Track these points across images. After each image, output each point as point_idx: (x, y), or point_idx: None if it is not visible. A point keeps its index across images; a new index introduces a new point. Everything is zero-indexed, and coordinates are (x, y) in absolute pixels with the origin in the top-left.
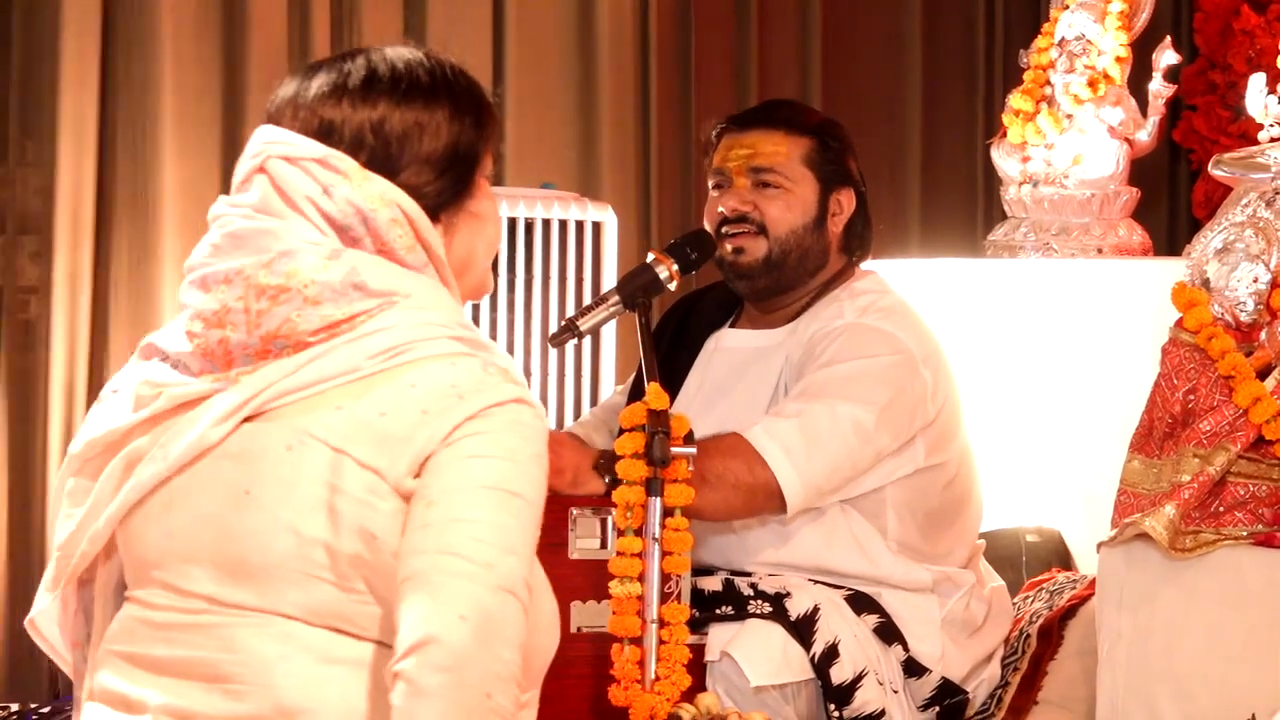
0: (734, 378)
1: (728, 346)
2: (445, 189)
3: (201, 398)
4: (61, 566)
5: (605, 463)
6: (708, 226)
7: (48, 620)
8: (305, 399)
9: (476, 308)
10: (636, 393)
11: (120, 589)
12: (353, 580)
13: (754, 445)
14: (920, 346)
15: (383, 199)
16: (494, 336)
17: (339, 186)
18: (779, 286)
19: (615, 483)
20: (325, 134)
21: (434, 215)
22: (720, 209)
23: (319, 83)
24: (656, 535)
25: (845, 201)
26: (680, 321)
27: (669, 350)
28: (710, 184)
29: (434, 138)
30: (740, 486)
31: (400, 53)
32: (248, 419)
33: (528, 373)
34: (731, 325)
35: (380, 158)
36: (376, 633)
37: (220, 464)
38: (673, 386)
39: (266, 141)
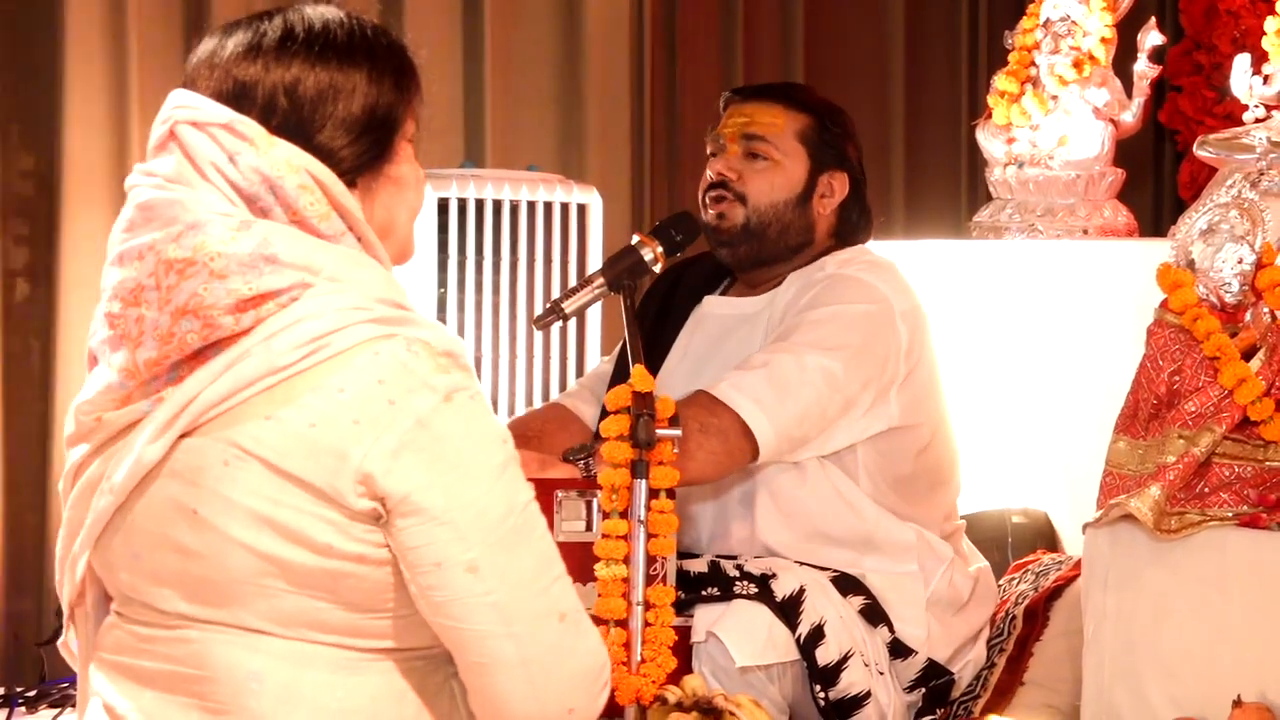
0: (717, 344)
1: (712, 314)
2: (363, 153)
3: (137, 420)
4: (62, 596)
5: (574, 455)
6: (700, 191)
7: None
8: (231, 409)
9: (462, 292)
10: (621, 374)
11: (104, 600)
12: (314, 589)
13: (722, 399)
14: (900, 301)
15: (289, 165)
16: (479, 319)
17: (244, 154)
18: (759, 257)
19: (590, 474)
20: (238, 95)
21: (351, 180)
22: (708, 173)
23: (234, 42)
24: (642, 517)
25: (837, 185)
26: (668, 290)
27: (655, 318)
28: (707, 150)
29: (350, 100)
30: (711, 432)
31: (320, 11)
32: (184, 435)
33: (513, 355)
34: (722, 294)
35: (294, 120)
36: (348, 638)
37: (168, 484)
38: (659, 353)
39: (176, 106)
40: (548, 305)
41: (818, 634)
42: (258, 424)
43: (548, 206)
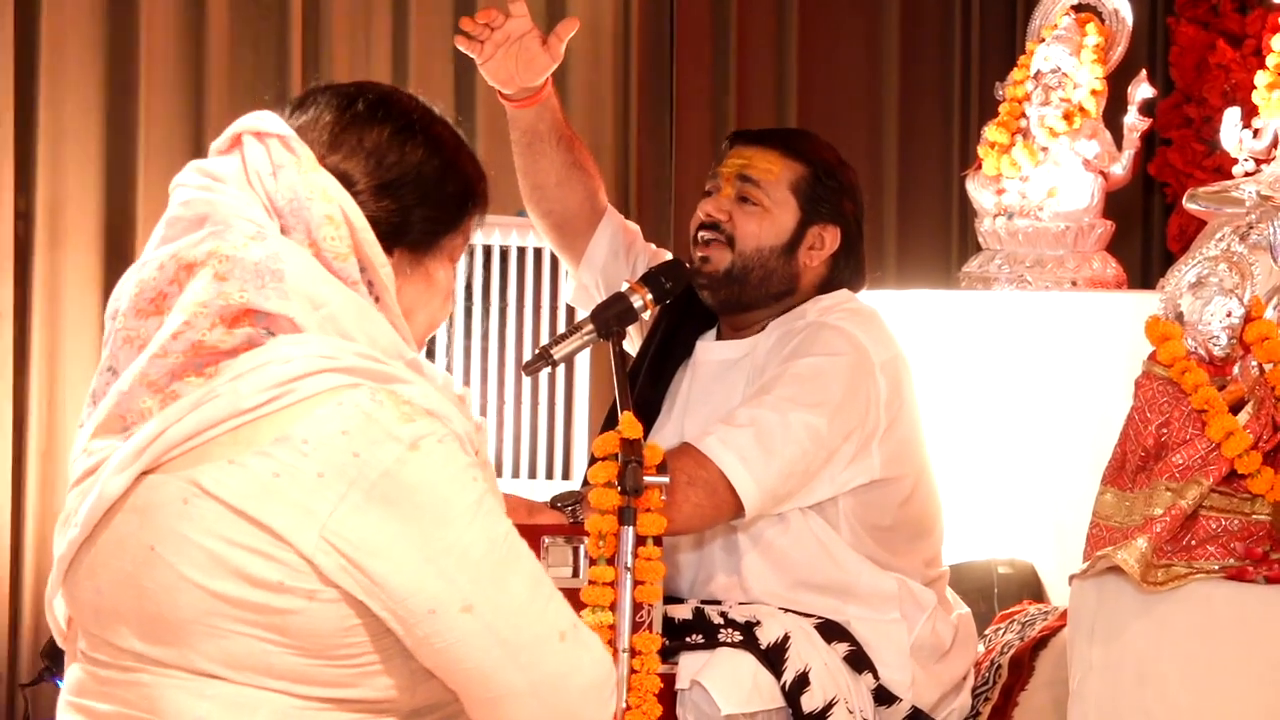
0: (706, 391)
1: (703, 360)
2: (409, 225)
3: (109, 456)
4: (54, 633)
5: (562, 501)
6: (691, 228)
7: None
8: (194, 448)
9: (451, 336)
10: (611, 420)
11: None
12: (265, 629)
13: (708, 454)
14: (879, 353)
15: (324, 193)
16: (468, 365)
17: (287, 169)
18: (740, 302)
19: (578, 520)
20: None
21: (389, 247)
22: (700, 213)
23: (333, 109)
24: (629, 564)
25: (828, 238)
26: (674, 320)
27: (661, 345)
28: (705, 188)
29: (423, 173)
30: (698, 485)
31: (422, 100)
32: (147, 471)
33: (500, 400)
34: (718, 334)
35: (380, 183)
36: (296, 684)
37: (129, 519)
38: (660, 389)
39: (251, 117)
40: (537, 351)
41: (803, 681)
42: (220, 466)
43: (538, 252)
